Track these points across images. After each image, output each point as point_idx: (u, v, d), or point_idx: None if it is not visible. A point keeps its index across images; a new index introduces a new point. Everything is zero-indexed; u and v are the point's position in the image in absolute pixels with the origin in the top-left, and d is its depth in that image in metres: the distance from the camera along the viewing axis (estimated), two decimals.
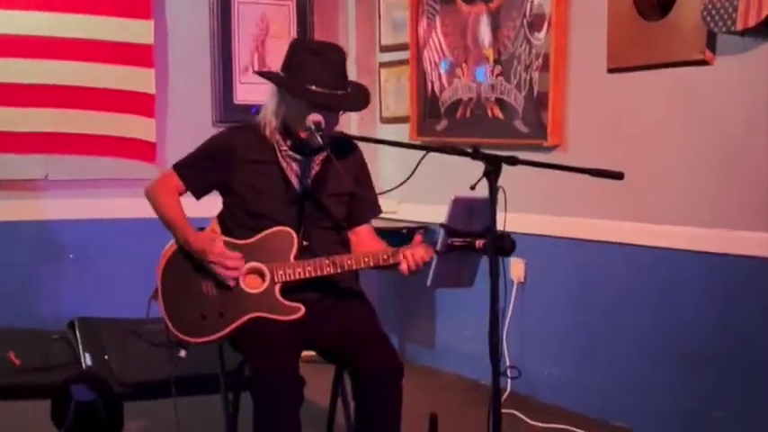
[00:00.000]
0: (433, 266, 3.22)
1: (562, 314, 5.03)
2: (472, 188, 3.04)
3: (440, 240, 3.16)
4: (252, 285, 3.41)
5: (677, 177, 4.43)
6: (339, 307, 3.49)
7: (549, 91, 4.98)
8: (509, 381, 5.07)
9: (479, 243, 3.13)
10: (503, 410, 4.82)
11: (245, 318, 3.38)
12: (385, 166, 5.86)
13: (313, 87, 3.36)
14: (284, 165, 3.49)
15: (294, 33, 6.05)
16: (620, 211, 4.68)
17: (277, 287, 3.40)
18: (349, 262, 3.41)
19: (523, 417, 4.79)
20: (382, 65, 6.16)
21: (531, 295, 5.18)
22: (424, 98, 5.79)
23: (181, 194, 3.55)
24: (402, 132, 5.88)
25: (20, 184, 5.47)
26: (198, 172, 3.54)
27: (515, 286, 5.19)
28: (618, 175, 3.01)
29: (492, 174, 3.00)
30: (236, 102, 5.88)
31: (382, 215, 3.72)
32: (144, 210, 3.59)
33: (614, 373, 4.75)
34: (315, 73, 3.37)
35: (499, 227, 3.01)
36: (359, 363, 3.34)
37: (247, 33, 5.94)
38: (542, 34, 5.01)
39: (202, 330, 3.39)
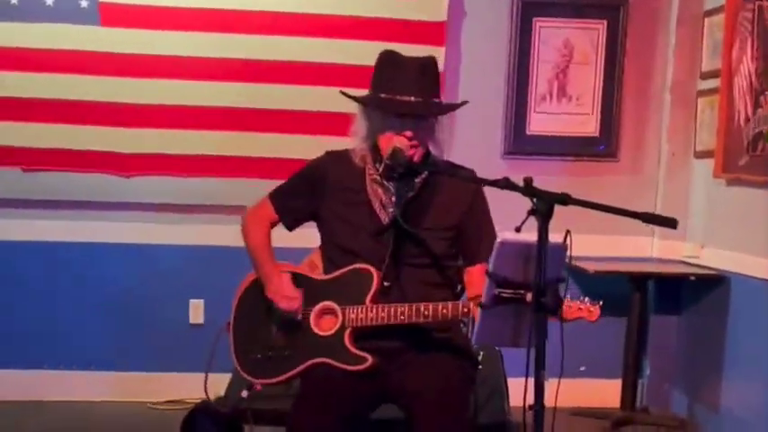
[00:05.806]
0: (477, 320, 2.68)
1: None
2: (517, 230, 2.50)
3: (485, 291, 2.62)
4: (324, 327, 3.08)
5: None
6: (423, 360, 3.03)
7: None
8: None
9: (529, 296, 2.55)
10: None
11: (308, 363, 3.06)
12: (695, 206, 5.11)
13: (387, 95, 2.99)
14: (369, 191, 3.09)
15: (602, 59, 5.49)
16: None
17: (347, 332, 3.02)
18: (426, 312, 2.94)
19: None
20: (700, 93, 5.40)
21: None
22: (731, 131, 4.99)
23: (273, 224, 3.27)
24: (710, 168, 5.12)
25: None
26: (291, 200, 3.25)
27: None
28: (671, 223, 2.33)
29: (539, 213, 2.46)
30: (529, 132, 5.42)
31: (683, 258, 3.13)
32: None
33: None
34: (392, 82, 3.01)
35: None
36: (419, 423, 2.89)
37: (547, 60, 5.47)
38: None
39: (266, 371, 3.15)
